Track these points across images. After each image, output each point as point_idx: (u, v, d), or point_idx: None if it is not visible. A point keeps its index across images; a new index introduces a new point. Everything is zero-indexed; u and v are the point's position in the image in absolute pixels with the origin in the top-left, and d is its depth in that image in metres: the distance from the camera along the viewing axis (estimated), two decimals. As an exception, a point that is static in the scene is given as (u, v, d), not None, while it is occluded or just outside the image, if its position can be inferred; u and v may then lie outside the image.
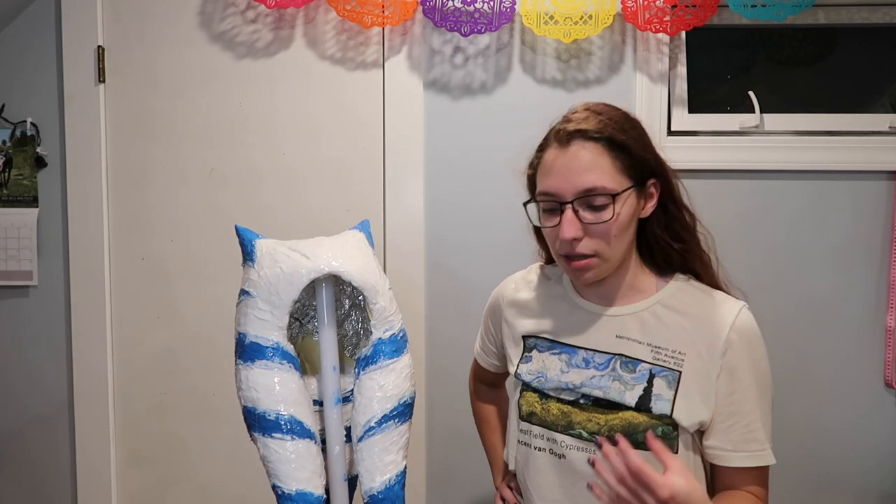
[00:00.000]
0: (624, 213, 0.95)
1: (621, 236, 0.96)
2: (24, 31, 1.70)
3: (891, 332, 1.62)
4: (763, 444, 0.96)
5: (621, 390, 0.98)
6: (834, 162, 1.61)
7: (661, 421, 0.95)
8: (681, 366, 0.96)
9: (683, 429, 0.95)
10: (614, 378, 0.99)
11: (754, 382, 0.96)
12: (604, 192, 0.93)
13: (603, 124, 0.96)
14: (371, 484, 1.03)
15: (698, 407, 0.95)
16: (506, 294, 1.17)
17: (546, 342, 1.07)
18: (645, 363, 0.98)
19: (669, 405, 0.95)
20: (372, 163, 1.69)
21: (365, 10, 1.58)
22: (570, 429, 1.00)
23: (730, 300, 1.00)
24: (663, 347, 0.98)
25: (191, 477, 1.76)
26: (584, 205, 0.94)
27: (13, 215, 1.72)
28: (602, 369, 1.01)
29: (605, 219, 0.93)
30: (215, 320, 1.71)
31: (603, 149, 0.94)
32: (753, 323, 0.98)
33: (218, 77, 1.69)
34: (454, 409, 1.70)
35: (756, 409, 0.96)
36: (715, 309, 0.98)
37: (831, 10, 1.65)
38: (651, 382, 0.97)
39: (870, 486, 1.65)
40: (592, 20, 1.56)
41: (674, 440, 0.96)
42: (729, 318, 0.97)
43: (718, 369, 0.95)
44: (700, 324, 0.98)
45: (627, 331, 1.01)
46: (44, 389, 1.75)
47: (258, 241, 1.06)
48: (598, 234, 0.95)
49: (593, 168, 0.93)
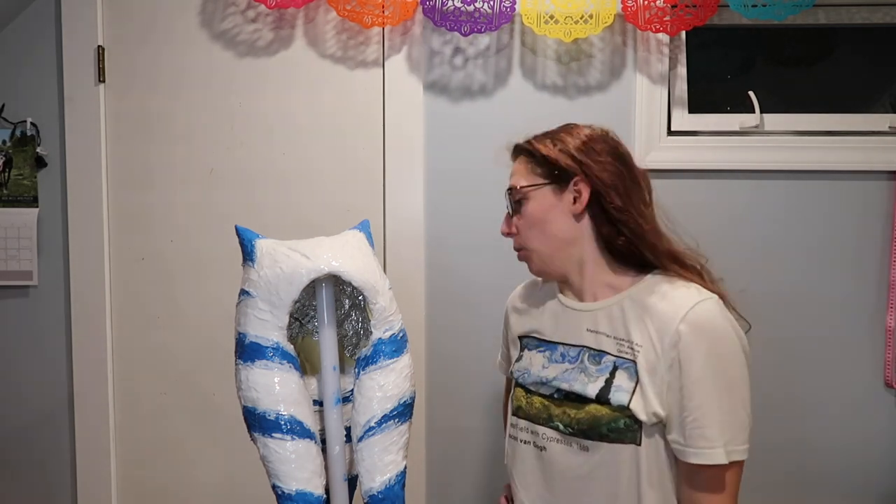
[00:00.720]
0: (533, 206, 1.06)
1: (538, 228, 1.06)
2: (24, 31, 1.70)
3: (891, 332, 1.62)
4: (713, 441, 0.93)
5: (584, 382, 1.00)
6: (834, 162, 1.61)
7: (622, 413, 0.97)
8: (637, 357, 0.98)
9: (643, 420, 0.96)
10: (581, 370, 1.02)
11: (706, 377, 0.93)
12: (515, 189, 1.09)
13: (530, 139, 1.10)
14: (371, 484, 1.03)
15: (652, 399, 0.96)
16: (512, 301, 1.25)
17: (535, 340, 1.13)
18: (610, 355, 1.01)
19: (628, 396, 0.97)
20: (372, 163, 1.69)
21: (365, 10, 1.58)
22: (549, 422, 1.04)
23: (691, 293, 0.99)
24: (625, 339, 1.00)
25: (191, 477, 1.76)
26: (509, 203, 1.10)
27: (13, 215, 1.72)
28: (573, 363, 1.04)
29: (519, 213, 1.08)
30: (215, 320, 1.71)
31: (524, 157, 1.10)
32: (713, 316, 0.96)
33: (218, 77, 1.69)
34: (454, 408, 1.70)
35: (707, 405, 0.93)
36: (672, 301, 0.98)
37: (831, 10, 1.65)
38: (613, 374, 0.99)
39: (869, 486, 1.65)
40: (593, 20, 1.56)
41: (636, 432, 0.97)
42: (682, 310, 0.96)
43: (669, 362, 0.95)
44: (656, 316, 0.98)
45: (597, 324, 1.04)
46: (44, 389, 1.75)
47: (258, 241, 1.06)
48: (521, 229, 1.08)
49: (516, 173, 1.11)
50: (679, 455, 0.96)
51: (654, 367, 0.96)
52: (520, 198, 1.08)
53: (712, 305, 0.97)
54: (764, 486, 1.65)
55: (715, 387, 0.94)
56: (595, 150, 1.04)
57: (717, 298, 0.99)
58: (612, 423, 0.97)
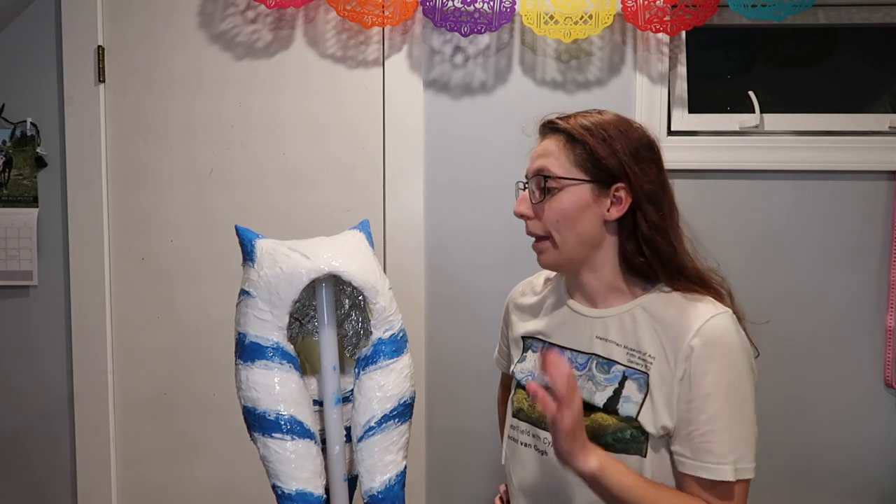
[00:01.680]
0: (568, 201, 0.98)
1: (566, 224, 0.99)
2: (24, 31, 1.70)
3: (891, 332, 1.62)
4: (720, 457, 0.91)
5: (592, 391, 0.99)
6: (834, 162, 1.61)
7: (628, 423, 0.95)
8: (649, 369, 0.96)
9: (651, 433, 0.94)
10: (589, 378, 1.00)
11: (717, 392, 0.92)
12: (549, 175, 0.99)
13: (575, 121, 1.01)
14: (371, 484, 1.03)
15: (662, 412, 0.94)
16: (513, 298, 1.21)
17: (539, 342, 1.10)
18: (619, 365, 0.98)
19: (636, 408, 0.95)
20: (372, 163, 1.69)
21: (365, 10, 1.58)
22: None
23: (707, 307, 0.96)
24: (636, 350, 0.98)
25: (191, 477, 1.76)
26: (536, 186, 1.01)
27: (13, 215, 1.72)
28: (581, 369, 1.02)
29: (545, 200, 0.99)
30: (215, 320, 1.71)
31: (562, 139, 1.01)
32: (727, 331, 0.94)
33: (218, 77, 1.69)
34: (454, 408, 1.70)
35: (717, 420, 0.91)
36: (686, 314, 0.96)
37: (831, 10, 1.65)
38: (622, 384, 0.97)
39: (870, 486, 1.65)
40: (592, 20, 1.56)
41: (643, 443, 0.95)
42: (696, 323, 0.94)
43: (681, 374, 0.93)
44: (670, 328, 0.96)
45: (607, 332, 1.01)
46: (44, 389, 1.75)
47: (258, 241, 1.06)
48: (545, 217, 1.00)
49: (549, 154, 1.01)
50: (683, 468, 0.94)
51: (665, 379, 0.94)
52: (553, 186, 1.00)
53: (726, 320, 0.95)
54: (764, 486, 1.65)
55: (727, 402, 0.92)
56: (643, 158, 0.99)
57: (730, 313, 0.97)
58: (618, 434, 0.96)
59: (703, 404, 0.92)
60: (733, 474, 0.91)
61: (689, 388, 0.93)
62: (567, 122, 1.01)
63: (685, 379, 0.93)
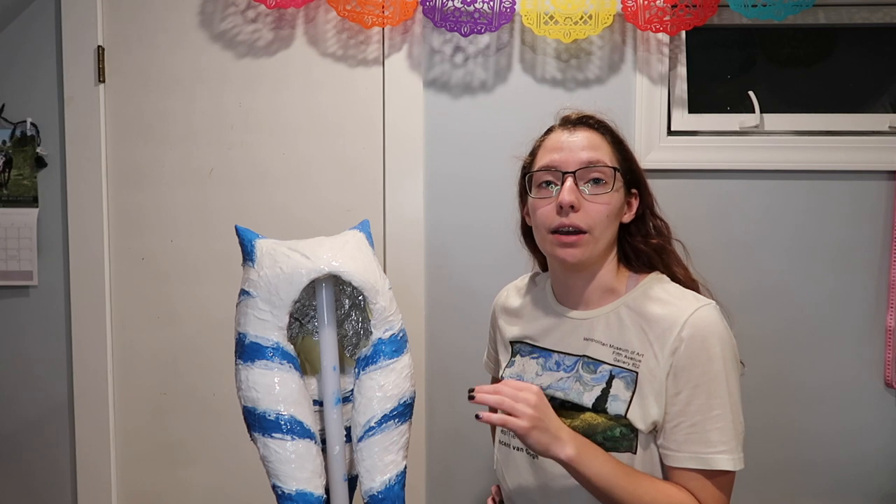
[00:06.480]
0: (616, 198, 1.00)
1: (610, 220, 1.00)
2: (24, 31, 1.70)
3: (891, 332, 1.62)
4: (710, 446, 0.92)
5: (580, 391, 1.00)
6: (834, 162, 1.61)
7: (617, 422, 0.96)
8: (638, 367, 0.97)
9: (640, 430, 0.95)
10: (576, 379, 1.01)
11: (706, 383, 0.93)
12: (605, 166, 0.99)
13: (606, 120, 1.06)
14: (371, 484, 1.03)
15: (651, 407, 0.95)
16: (500, 302, 1.22)
17: (528, 347, 1.11)
18: (606, 364, 1.00)
19: (625, 406, 0.96)
20: (372, 162, 1.69)
21: (365, 10, 1.59)
22: None
23: (692, 300, 0.98)
24: (623, 349, 0.99)
25: (190, 477, 1.76)
26: (584, 178, 0.99)
27: (13, 215, 1.72)
28: (569, 371, 1.03)
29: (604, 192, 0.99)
30: (215, 320, 1.71)
31: (605, 136, 1.03)
32: (713, 322, 0.95)
33: (218, 77, 1.69)
34: (454, 409, 1.70)
35: (706, 411, 0.92)
36: (672, 308, 0.97)
37: (831, 10, 1.65)
38: (610, 384, 0.98)
39: (870, 486, 1.65)
40: (592, 20, 1.56)
41: (632, 440, 0.96)
42: (683, 316, 0.95)
43: (668, 368, 0.94)
44: (656, 323, 0.97)
45: (593, 333, 1.03)
46: (43, 389, 1.75)
47: (258, 241, 1.06)
48: (593, 210, 0.98)
49: (597, 147, 1.01)
50: (665, 459, 0.95)
51: (655, 374, 0.95)
52: (607, 181, 0.99)
53: (711, 311, 0.96)
54: (763, 486, 1.65)
55: (713, 393, 0.93)
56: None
57: (714, 304, 0.98)
58: (608, 432, 0.97)
59: (691, 396, 0.93)
60: (728, 464, 0.92)
61: (677, 381, 0.94)
62: (603, 121, 1.05)
63: (672, 372, 0.94)
